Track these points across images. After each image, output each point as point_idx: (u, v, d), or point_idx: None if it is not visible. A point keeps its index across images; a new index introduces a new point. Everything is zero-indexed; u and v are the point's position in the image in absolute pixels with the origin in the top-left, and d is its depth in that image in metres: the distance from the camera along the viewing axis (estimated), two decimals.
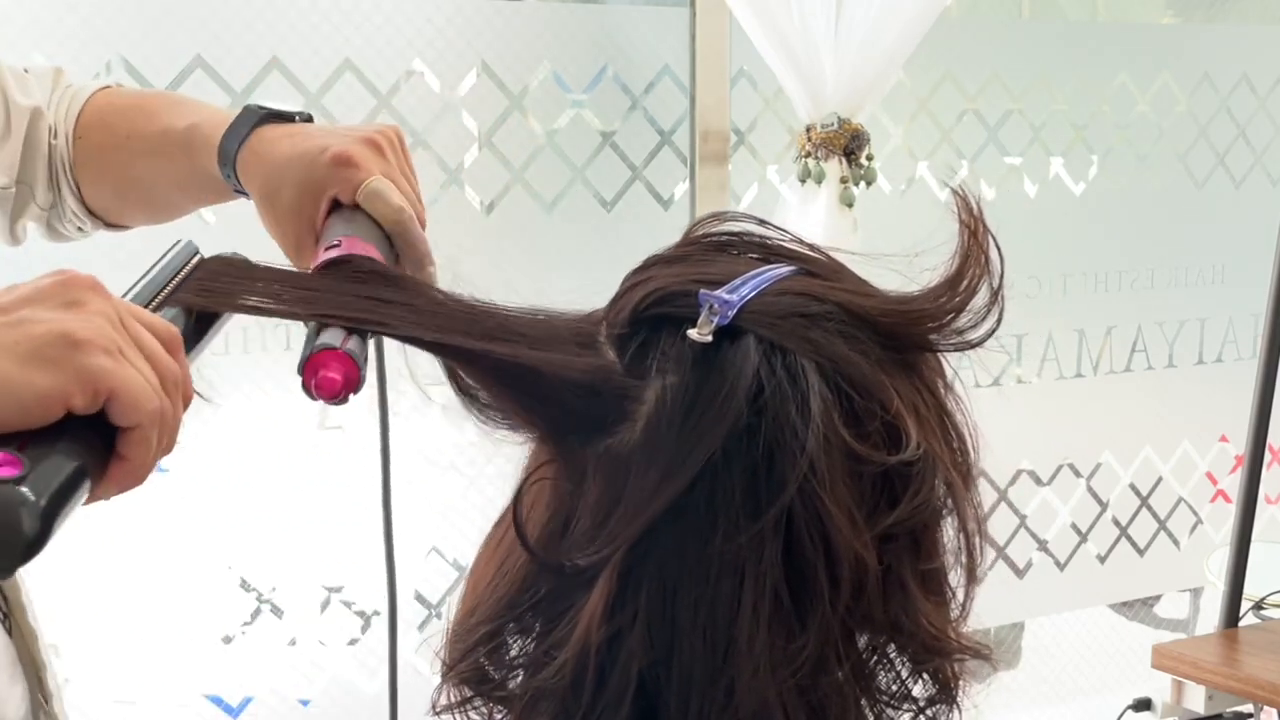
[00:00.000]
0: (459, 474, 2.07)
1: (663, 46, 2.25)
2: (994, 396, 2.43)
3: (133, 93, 1.08)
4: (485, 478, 2.05)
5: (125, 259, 1.81)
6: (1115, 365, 2.75)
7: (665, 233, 0.67)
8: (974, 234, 0.62)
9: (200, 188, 1.00)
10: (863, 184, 2.25)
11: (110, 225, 1.07)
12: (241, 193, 0.96)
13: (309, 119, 0.96)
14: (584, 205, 2.20)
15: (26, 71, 1.03)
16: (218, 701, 2.00)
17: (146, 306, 0.68)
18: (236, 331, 1.95)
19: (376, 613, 2.09)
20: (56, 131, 1.03)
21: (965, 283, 0.62)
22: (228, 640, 2.00)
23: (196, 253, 0.77)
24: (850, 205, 2.22)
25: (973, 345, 0.63)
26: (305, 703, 2.06)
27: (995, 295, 0.62)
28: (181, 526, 1.95)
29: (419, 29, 2.04)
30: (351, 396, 0.66)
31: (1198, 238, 2.81)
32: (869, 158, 2.25)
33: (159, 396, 0.60)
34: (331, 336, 0.66)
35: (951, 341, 0.62)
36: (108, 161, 1.02)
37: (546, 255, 2.17)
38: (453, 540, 2.12)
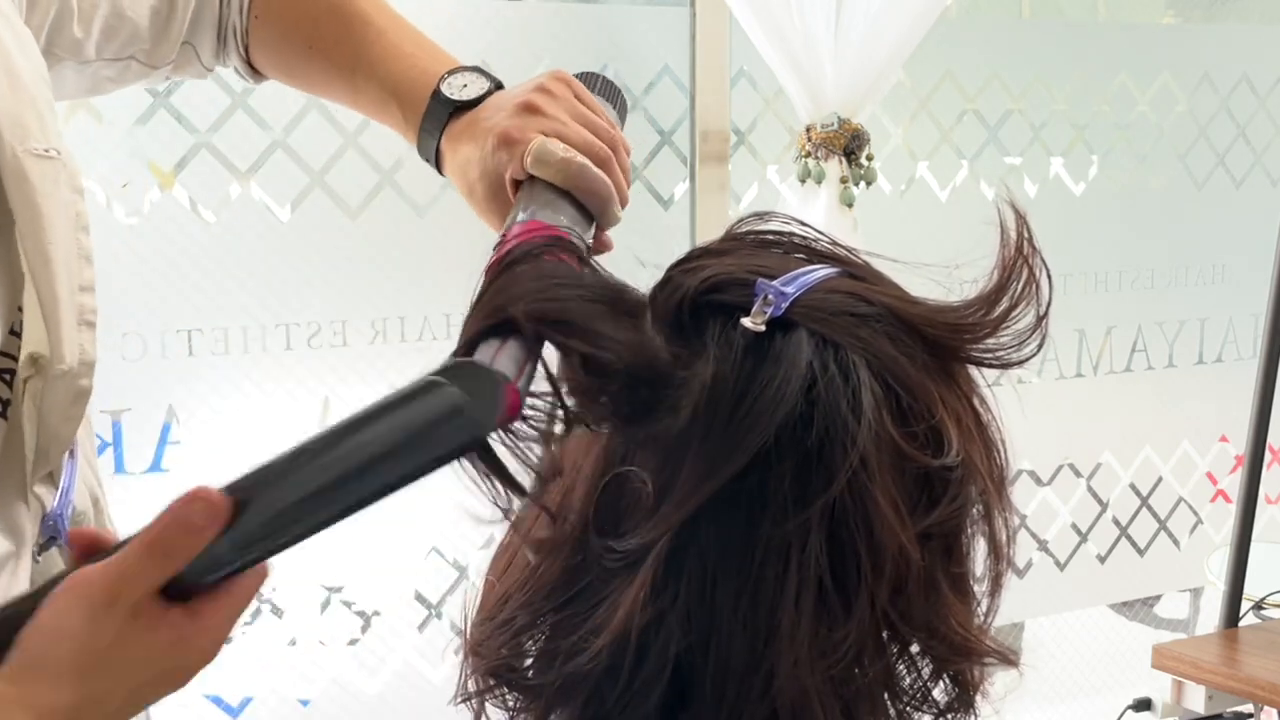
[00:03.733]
0: (459, 474, 2.07)
1: (663, 46, 2.25)
2: (994, 397, 2.43)
3: None
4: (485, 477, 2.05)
5: None
6: (1115, 365, 2.75)
7: (665, 233, 0.68)
8: (1018, 249, 0.63)
9: (379, 121, 1.01)
10: (863, 184, 2.25)
11: (262, 79, 1.09)
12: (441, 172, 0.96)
13: (498, 86, 0.93)
14: None
15: None
16: (217, 701, 2.00)
17: None
18: (236, 331, 1.95)
19: (376, 613, 2.09)
20: (229, 1, 1.04)
21: (1005, 298, 0.62)
22: (228, 640, 2.00)
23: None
24: (850, 205, 2.22)
25: (1012, 365, 0.63)
26: (305, 703, 2.06)
27: (1040, 321, 0.63)
28: None
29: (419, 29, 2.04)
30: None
31: (1198, 238, 2.81)
32: (869, 158, 2.25)
33: None
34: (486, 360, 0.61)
35: (991, 355, 0.63)
36: (285, 59, 1.04)
37: None
38: (453, 540, 2.12)
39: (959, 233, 2.29)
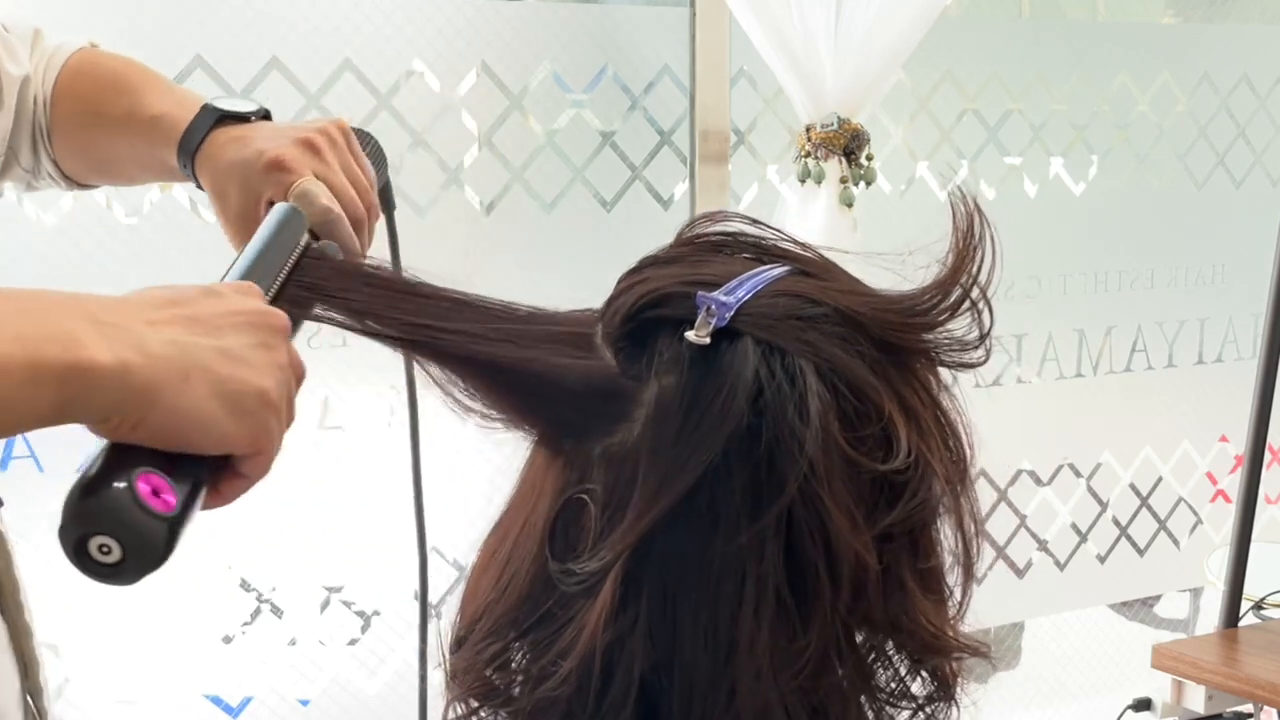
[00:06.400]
0: (458, 474, 2.07)
1: (663, 46, 2.25)
2: (994, 396, 2.43)
3: (105, 61, 1.08)
4: (484, 477, 2.05)
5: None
6: (1115, 365, 2.75)
7: (665, 233, 0.68)
8: (968, 236, 0.62)
9: (161, 171, 1.03)
10: (862, 184, 2.25)
11: (79, 185, 1.09)
12: (200, 185, 0.98)
13: (266, 115, 0.98)
14: (584, 205, 2.20)
15: (6, 31, 1.03)
16: (218, 701, 2.00)
17: (266, 294, 0.68)
18: None
19: (376, 613, 2.09)
20: (37, 97, 1.04)
21: (958, 286, 0.62)
22: (228, 640, 2.00)
23: (305, 227, 0.79)
24: (850, 205, 2.22)
25: (969, 366, 0.63)
26: (305, 703, 2.06)
27: (987, 333, 0.62)
28: None
29: (419, 29, 2.04)
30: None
31: (1198, 238, 2.81)
32: (869, 158, 2.25)
33: (278, 454, 0.62)
34: None
35: (945, 346, 0.62)
36: (77, 132, 1.04)
37: (546, 255, 2.17)
38: (453, 540, 2.12)
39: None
